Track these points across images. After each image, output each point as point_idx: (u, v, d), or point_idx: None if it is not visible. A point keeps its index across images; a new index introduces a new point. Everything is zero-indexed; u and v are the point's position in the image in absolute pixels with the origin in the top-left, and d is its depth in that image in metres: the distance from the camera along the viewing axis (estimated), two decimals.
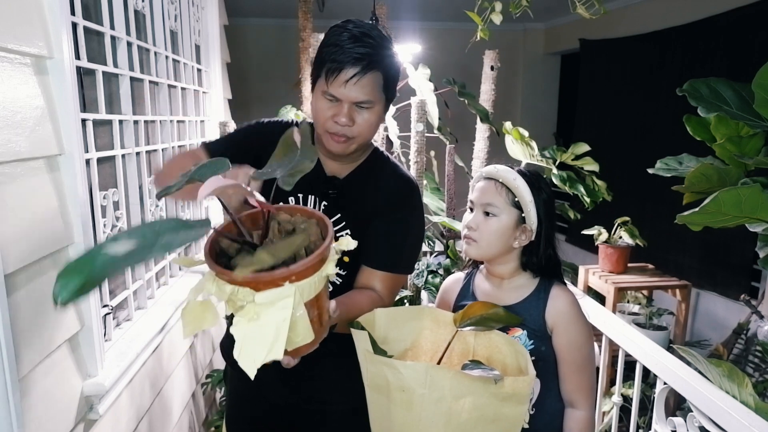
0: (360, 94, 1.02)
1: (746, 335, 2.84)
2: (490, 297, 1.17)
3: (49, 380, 1.08)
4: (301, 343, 0.72)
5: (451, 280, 1.31)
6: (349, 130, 1.04)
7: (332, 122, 1.04)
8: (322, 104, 1.04)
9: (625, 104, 4.19)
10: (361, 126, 1.05)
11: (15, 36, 0.99)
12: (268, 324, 0.64)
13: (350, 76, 1.00)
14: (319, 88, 1.05)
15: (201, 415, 2.15)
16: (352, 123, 1.04)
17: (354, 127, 1.04)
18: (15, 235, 0.97)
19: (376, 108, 1.05)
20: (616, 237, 2.84)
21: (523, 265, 1.16)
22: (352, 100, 1.02)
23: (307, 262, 0.67)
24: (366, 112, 1.04)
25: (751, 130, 1.43)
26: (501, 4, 2.13)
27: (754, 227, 1.37)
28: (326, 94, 1.03)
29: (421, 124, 2.36)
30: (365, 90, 1.02)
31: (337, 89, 1.01)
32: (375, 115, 1.06)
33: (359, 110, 1.04)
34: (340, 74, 1.00)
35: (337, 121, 1.03)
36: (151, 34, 1.80)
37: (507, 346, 0.99)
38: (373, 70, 1.01)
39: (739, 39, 3.13)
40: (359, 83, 1.00)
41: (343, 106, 1.02)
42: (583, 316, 1.12)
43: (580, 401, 1.11)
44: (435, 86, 2.59)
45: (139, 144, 1.67)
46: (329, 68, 1.00)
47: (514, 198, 1.11)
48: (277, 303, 0.65)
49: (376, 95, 1.04)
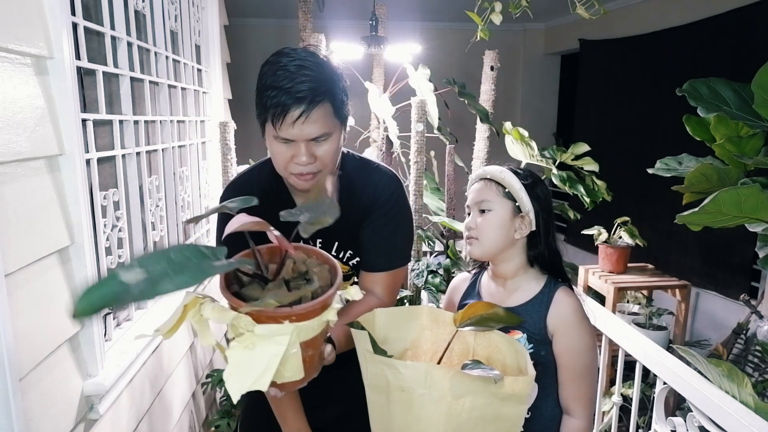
0: (313, 130, 0.97)
1: (746, 335, 2.84)
2: (495, 297, 1.17)
3: (49, 380, 1.08)
4: (290, 379, 0.75)
5: (458, 279, 1.31)
6: (313, 166, 1.00)
7: (293, 164, 1.00)
8: (278, 148, 1.00)
9: (625, 104, 4.19)
10: (324, 158, 1.01)
11: (15, 36, 0.99)
12: (261, 355, 0.67)
13: (297, 116, 0.95)
14: (269, 133, 1.00)
15: (201, 415, 2.15)
16: (314, 159, 1.00)
17: (317, 162, 1.00)
18: (15, 235, 0.97)
19: (333, 136, 1.01)
20: (615, 237, 2.84)
21: (530, 260, 1.16)
22: (306, 137, 0.97)
23: (309, 306, 0.71)
24: (325, 144, 1.00)
25: (751, 130, 1.43)
26: (501, 5, 2.13)
27: (754, 227, 1.37)
28: (278, 138, 0.98)
29: (421, 124, 2.37)
30: (317, 125, 0.97)
31: (287, 131, 0.96)
32: (334, 143, 1.02)
33: (317, 144, 1.00)
34: (286, 117, 0.95)
35: (298, 162, 0.99)
36: (151, 34, 1.80)
37: (507, 346, 0.99)
38: (321, 102, 0.96)
39: (739, 39, 3.13)
40: (309, 120, 0.95)
41: (300, 146, 0.98)
42: (586, 324, 1.11)
43: (577, 410, 1.10)
44: (435, 86, 2.59)
45: (139, 144, 1.67)
46: (274, 113, 0.95)
47: (504, 190, 1.13)
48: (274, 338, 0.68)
49: (330, 125, 0.99)
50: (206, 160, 2.42)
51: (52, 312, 1.10)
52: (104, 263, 1.39)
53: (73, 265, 1.19)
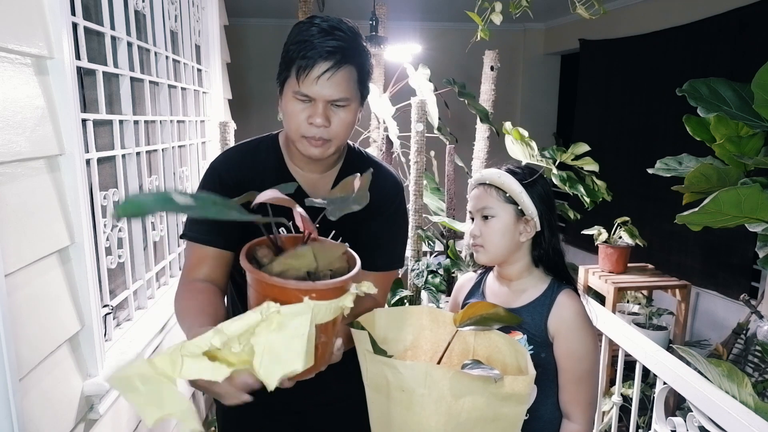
0: (335, 92, 0.95)
1: (746, 335, 2.84)
2: (499, 297, 1.17)
3: (49, 380, 1.08)
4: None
5: (464, 278, 1.31)
6: (326, 131, 0.98)
7: (307, 125, 0.97)
8: (294, 106, 0.97)
9: (625, 104, 4.19)
10: (338, 126, 0.99)
11: (15, 36, 0.99)
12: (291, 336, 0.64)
13: (323, 71, 0.93)
14: (288, 89, 0.98)
15: (201, 415, 2.15)
16: (329, 123, 0.97)
17: (331, 128, 0.98)
18: (15, 235, 0.97)
19: (352, 106, 0.99)
20: (615, 237, 2.84)
21: (535, 260, 1.15)
22: (326, 98, 0.96)
23: (330, 283, 0.70)
24: (342, 111, 0.98)
25: (751, 131, 1.43)
26: (501, 4, 2.13)
27: (754, 227, 1.37)
28: (298, 93, 0.96)
29: (421, 124, 2.37)
30: (340, 87, 0.95)
31: (309, 87, 0.94)
32: (351, 113, 1.00)
33: (335, 110, 0.98)
34: (312, 70, 0.93)
35: (313, 122, 0.97)
36: (151, 34, 1.80)
37: (507, 346, 0.99)
38: (347, 65, 0.95)
39: (739, 39, 3.13)
40: (333, 79, 0.94)
41: (318, 106, 0.96)
42: (588, 328, 1.10)
43: (576, 414, 1.09)
44: (435, 86, 2.59)
45: (139, 144, 1.67)
46: (300, 66, 0.93)
47: (505, 194, 1.12)
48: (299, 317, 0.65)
49: (351, 91, 0.98)
50: (206, 160, 2.42)
51: (52, 312, 1.10)
52: (104, 263, 1.39)
53: (73, 265, 1.19)
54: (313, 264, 0.73)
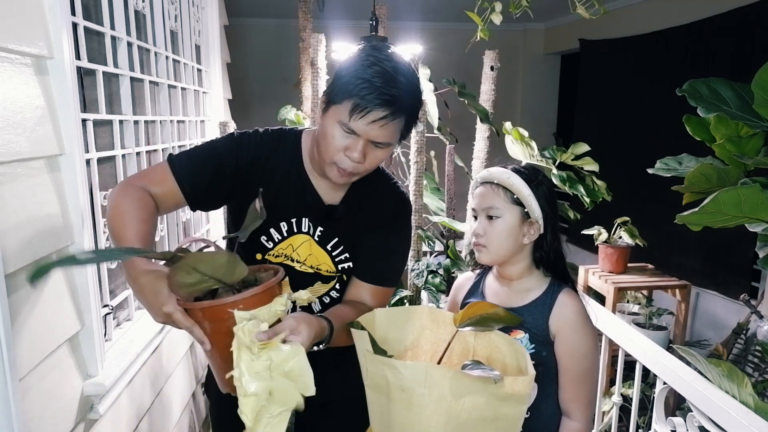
0: (381, 136, 0.96)
1: (746, 335, 2.84)
2: (499, 297, 1.17)
3: (49, 380, 1.08)
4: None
5: (463, 278, 1.31)
6: (358, 167, 0.99)
7: (343, 156, 0.98)
8: (335, 132, 0.97)
9: (625, 104, 4.19)
10: (369, 164, 1.00)
11: (15, 36, 0.99)
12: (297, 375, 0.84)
13: (377, 119, 0.94)
14: (335, 115, 0.96)
15: (201, 415, 2.15)
16: (364, 161, 0.98)
17: (363, 164, 0.99)
18: (15, 235, 0.97)
19: (389, 149, 1.01)
20: (615, 237, 2.84)
21: (536, 261, 1.15)
22: (371, 138, 0.96)
23: (249, 292, 0.82)
24: (379, 151, 0.99)
25: (751, 130, 1.43)
26: (501, 4, 2.13)
27: (754, 227, 1.37)
28: (344, 126, 0.95)
29: (421, 124, 2.37)
30: (387, 133, 0.96)
31: (359, 126, 0.95)
32: (387, 153, 1.02)
33: (373, 148, 0.98)
34: (367, 115, 0.93)
35: (350, 156, 0.97)
36: (151, 34, 1.80)
37: (507, 346, 0.99)
38: (401, 115, 0.97)
39: (739, 39, 3.13)
40: (385, 126, 0.95)
41: (359, 142, 0.96)
42: (588, 327, 1.11)
43: (576, 412, 1.10)
44: (435, 86, 2.59)
45: (139, 144, 1.67)
46: (356, 104, 0.93)
47: (513, 196, 1.11)
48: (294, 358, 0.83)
49: (395, 138, 1.00)
50: None
51: (52, 312, 1.10)
52: (104, 263, 1.39)
53: None
54: (202, 276, 0.79)
